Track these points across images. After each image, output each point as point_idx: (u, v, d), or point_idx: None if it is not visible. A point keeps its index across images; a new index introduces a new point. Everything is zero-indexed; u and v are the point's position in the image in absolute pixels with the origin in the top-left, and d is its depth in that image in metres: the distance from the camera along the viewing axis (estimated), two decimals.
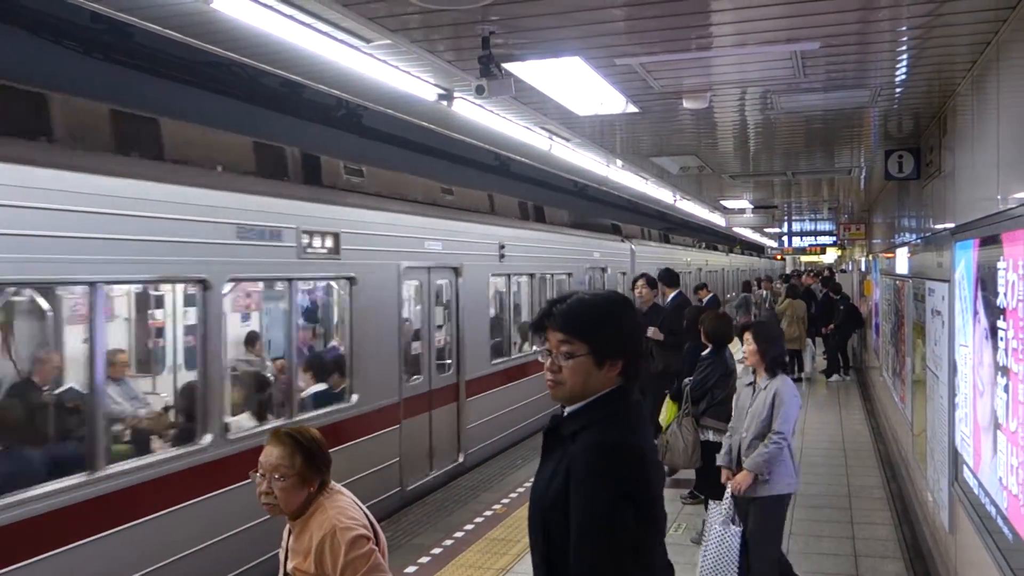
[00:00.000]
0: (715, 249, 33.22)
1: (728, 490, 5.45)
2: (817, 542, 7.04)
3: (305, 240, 7.08)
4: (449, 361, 10.02)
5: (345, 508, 3.10)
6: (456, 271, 10.03)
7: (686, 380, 7.30)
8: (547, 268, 13.23)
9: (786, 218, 21.65)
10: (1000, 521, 3.87)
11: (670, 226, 27.64)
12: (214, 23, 4.43)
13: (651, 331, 8.47)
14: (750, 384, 5.66)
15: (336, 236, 7.50)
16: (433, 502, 8.71)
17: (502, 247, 11.35)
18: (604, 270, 15.78)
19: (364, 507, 3.23)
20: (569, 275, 13.83)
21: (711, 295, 12.86)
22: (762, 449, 5.28)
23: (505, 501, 8.36)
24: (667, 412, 7.63)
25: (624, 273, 16.91)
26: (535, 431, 11.82)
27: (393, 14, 4.14)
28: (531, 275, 12.78)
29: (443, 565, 6.64)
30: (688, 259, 23.96)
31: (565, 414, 2.40)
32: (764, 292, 21.22)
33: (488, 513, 8.00)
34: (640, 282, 9.12)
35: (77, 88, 7.74)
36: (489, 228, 11.21)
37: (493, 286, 11.43)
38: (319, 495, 3.11)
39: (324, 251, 7.37)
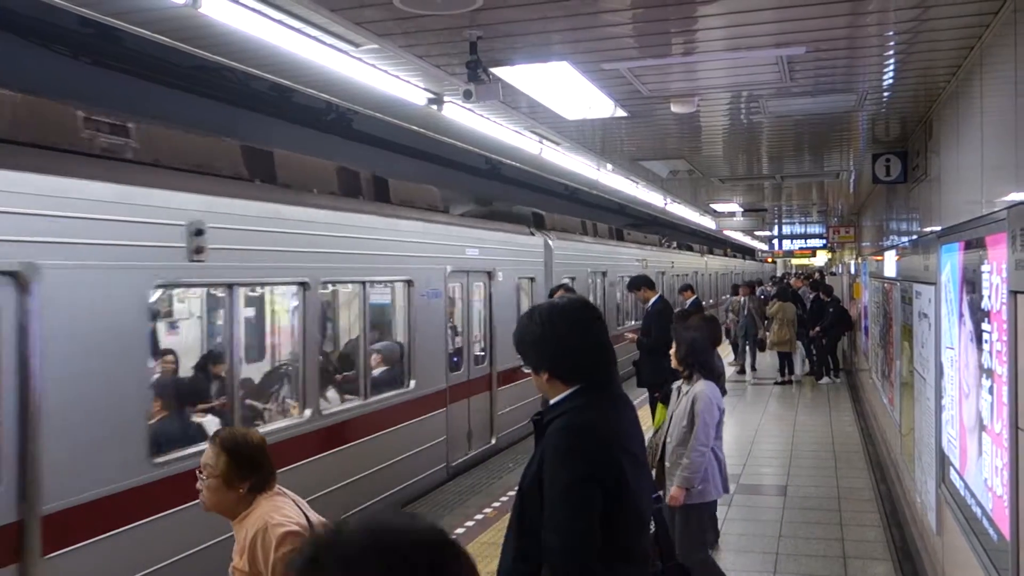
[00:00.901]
0: (690, 250, 29.60)
1: None
2: (806, 544, 7.07)
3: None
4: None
5: (281, 507, 3.09)
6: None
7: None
8: (361, 272, 8.31)
9: (776, 221, 21.72)
10: (986, 522, 3.90)
11: (635, 222, 24.32)
12: (203, 27, 4.43)
13: (629, 335, 8.56)
14: (677, 388, 5.64)
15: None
16: (423, 506, 8.73)
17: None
18: (490, 274, 11.22)
19: (309, 511, 3.22)
20: (408, 284, 9.04)
21: (694, 297, 12.77)
22: (685, 462, 5.20)
23: (496, 504, 8.36)
24: (658, 415, 7.64)
25: (532, 279, 12.77)
26: None
27: (380, 19, 4.15)
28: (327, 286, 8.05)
29: None
30: (646, 260, 19.96)
31: (550, 404, 2.69)
32: (741, 299, 18.12)
33: (479, 517, 8.01)
34: (559, 294, 6.88)
35: (67, 93, 7.74)
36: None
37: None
38: (257, 497, 3.10)
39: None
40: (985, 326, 3.81)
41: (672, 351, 5.61)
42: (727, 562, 6.73)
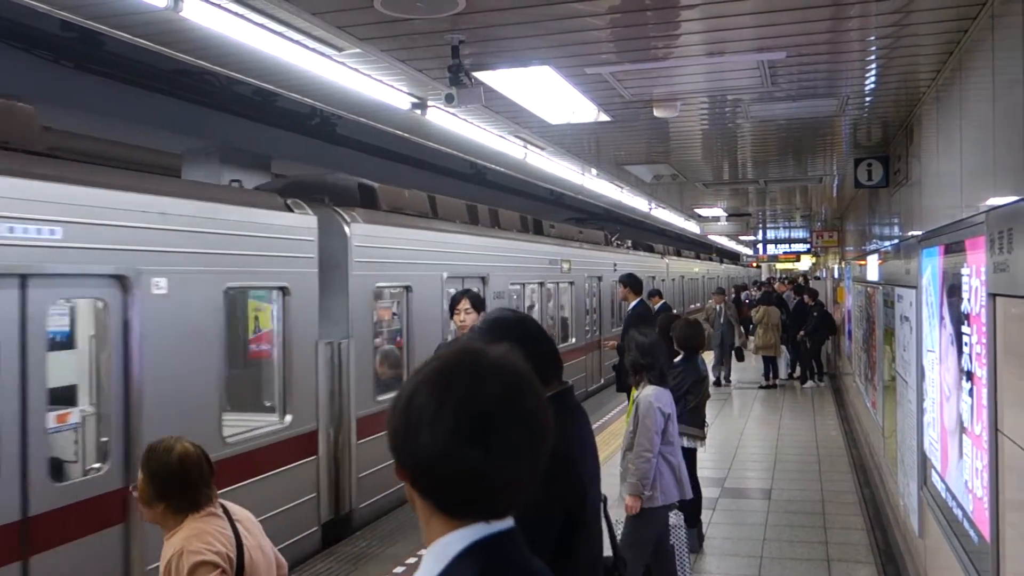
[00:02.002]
0: (649, 250, 24.66)
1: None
2: (790, 547, 7.08)
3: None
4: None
5: (204, 533, 2.93)
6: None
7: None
8: None
9: (760, 226, 21.81)
10: (967, 524, 3.92)
11: (580, 215, 21.24)
12: (184, 31, 4.41)
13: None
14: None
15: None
16: (409, 509, 8.72)
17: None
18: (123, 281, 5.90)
19: (252, 534, 3.10)
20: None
21: (662, 303, 12.57)
22: (631, 467, 5.16)
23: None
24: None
25: (283, 289, 7.14)
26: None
27: (362, 23, 4.14)
28: None
29: None
30: (570, 263, 15.20)
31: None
32: (717, 306, 17.15)
33: None
34: (462, 304, 6.22)
35: (49, 97, 7.69)
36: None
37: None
38: (188, 516, 2.97)
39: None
40: (965, 329, 3.84)
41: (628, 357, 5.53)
42: (712, 565, 6.74)
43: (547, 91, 5.45)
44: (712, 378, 15.83)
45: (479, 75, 4.86)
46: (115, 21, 4.37)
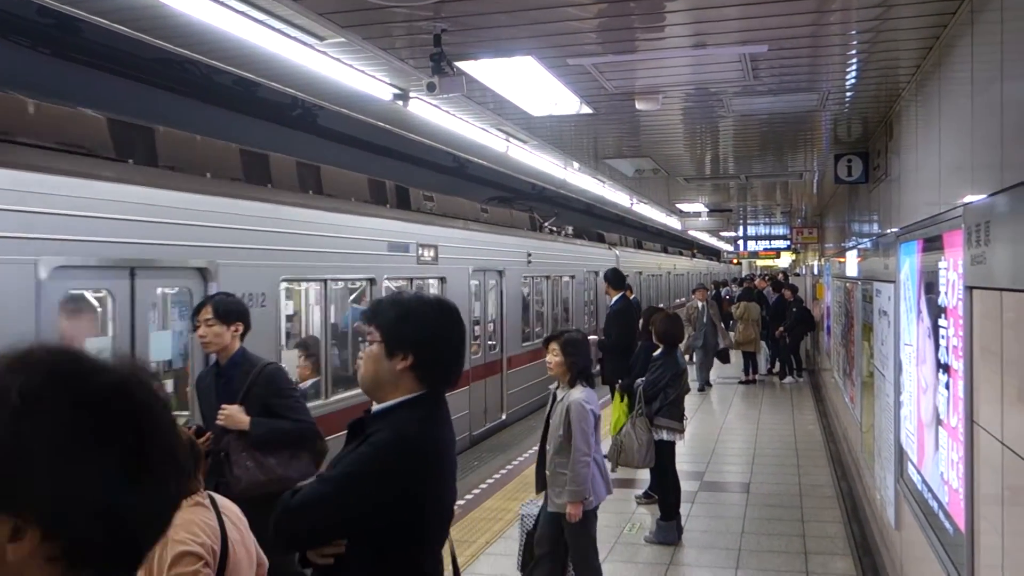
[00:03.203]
0: (600, 241, 21.97)
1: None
2: (768, 539, 7.13)
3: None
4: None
5: (191, 523, 2.88)
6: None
7: (638, 380, 7.37)
8: None
9: (741, 222, 21.90)
10: (942, 516, 3.95)
11: (507, 195, 18.04)
12: (164, 17, 4.36)
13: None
14: (553, 393, 5.45)
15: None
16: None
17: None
18: None
19: (236, 529, 3.06)
20: None
21: (632, 297, 12.55)
22: (570, 475, 5.06)
23: (460, 503, 8.34)
24: (614, 414, 7.73)
25: None
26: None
27: (343, 9, 4.11)
28: None
29: None
30: (427, 252, 11.05)
31: (372, 412, 2.47)
32: (698, 304, 16.05)
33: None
34: (203, 313, 4.73)
35: (25, 85, 7.58)
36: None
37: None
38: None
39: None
40: (942, 322, 3.87)
41: (549, 358, 5.33)
42: (690, 558, 6.78)
43: (530, 83, 5.43)
44: (696, 384, 14.83)
45: (461, 65, 4.83)
46: (93, 6, 4.31)
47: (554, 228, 18.22)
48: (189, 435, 3.05)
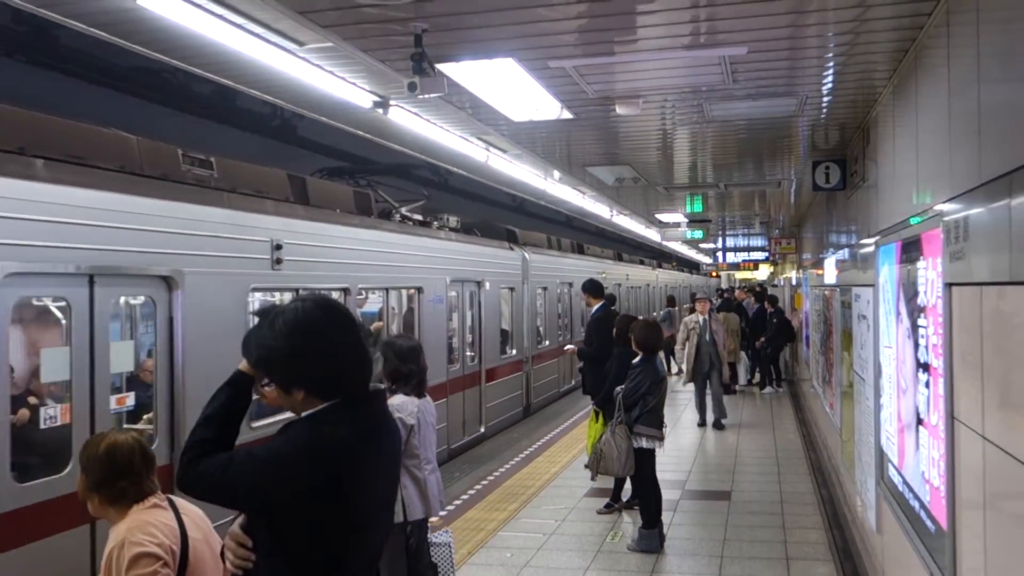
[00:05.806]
0: (512, 239, 16.17)
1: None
2: (750, 546, 7.11)
3: None
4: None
5: (148, 524, 2.89)
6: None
7: (618, 388, 7.36)
8: None
9: (720, 233, 22.02)
10: (923, 515, 3.95)
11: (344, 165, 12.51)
12: (142, 21, 4.32)
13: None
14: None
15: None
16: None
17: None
18: None
19: (199, 528, 3.07)
20: None
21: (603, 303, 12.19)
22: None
23: (442, 513, 8.26)
24: (590, 426, 7.71)
25: None
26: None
27: (323, 8, 4.09)
28: None
29: None
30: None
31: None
32: (700, 318, 13.28)
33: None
34: None
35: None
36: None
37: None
38: (131, 508, 2.95)
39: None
40: (921, 322, 3.88)
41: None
42: (672, 565, 6.75)
43: (510, 86, 5.43)
44: (697, 418, 13.13)
45: (442, 67, 4.82)
46: (70, 9, 4.26)
47: (418, 218, 12.12)
48: (137, 442, 3.05)
